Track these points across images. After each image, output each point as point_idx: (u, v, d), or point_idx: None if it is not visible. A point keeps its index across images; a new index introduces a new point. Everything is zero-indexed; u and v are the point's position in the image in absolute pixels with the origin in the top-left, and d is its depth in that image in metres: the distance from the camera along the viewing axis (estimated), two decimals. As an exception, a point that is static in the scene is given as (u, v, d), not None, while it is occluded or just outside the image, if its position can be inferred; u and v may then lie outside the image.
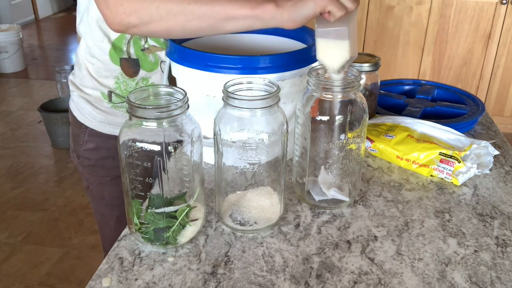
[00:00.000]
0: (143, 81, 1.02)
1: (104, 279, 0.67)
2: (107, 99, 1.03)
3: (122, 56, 0.99)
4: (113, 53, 0.99)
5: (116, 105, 1.04)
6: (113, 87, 1.02)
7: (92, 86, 1.04)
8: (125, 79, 1.01)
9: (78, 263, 2.04)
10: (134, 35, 0.97)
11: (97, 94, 1.04)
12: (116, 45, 0.99)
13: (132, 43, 0.99)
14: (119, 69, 1.00)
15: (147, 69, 1.01)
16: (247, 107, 0.68)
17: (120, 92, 1.03)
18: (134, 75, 1.01)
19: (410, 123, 1.03)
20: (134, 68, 1.01)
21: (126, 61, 1.00)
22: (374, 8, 2.91)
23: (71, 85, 1.07)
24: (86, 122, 1.07)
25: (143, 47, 0.99)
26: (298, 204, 0.85)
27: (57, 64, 3.65)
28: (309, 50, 0.89)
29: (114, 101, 1.03)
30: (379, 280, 0.68)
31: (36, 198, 2.48)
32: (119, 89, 1.02)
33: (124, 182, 0.72)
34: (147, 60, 1.01)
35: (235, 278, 0.68)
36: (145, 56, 1.00)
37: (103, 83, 1.03)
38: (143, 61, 1.01)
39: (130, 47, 0.99)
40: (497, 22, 2.82)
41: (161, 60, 1.01)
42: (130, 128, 0.68)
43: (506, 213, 0.83)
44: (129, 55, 0.99)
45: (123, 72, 1.01)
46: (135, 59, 1.00)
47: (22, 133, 3.12)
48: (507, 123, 3.10)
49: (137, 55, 1.00)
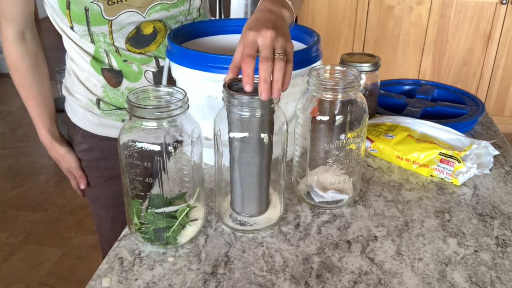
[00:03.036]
0: (128, 91, 1.01)
1: (104, 279, 0.67)
2: (96, 106, 1.04)
3: (104, 67, 0.99)
4: (95, 64, 0.99)
5: (106, 112, 1.04)
6: (101, 95, 1.02)
7: (81, 92, 1.04)
8: (110, 89, 1.01)
9: (78, 263, 2.04)
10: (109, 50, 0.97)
11: (86, 100, 1.04)
12: (96, 57, 0.99)
13: (111, 56, 0.98)
14: (103, 79, 1.01)
15: (131, 79, 1.01)
16: (247, 107, 0.68)
17: (108, 100, 1.03)
18: (118, 85, 1.01)
19: (410, 123, 1.03)
20: (117, 79, 1.00)
21: (108, 72, 1.00)
22: (374, 8, 2.91)
23: (64, 89, 1.08)
24: (79, 124, 1.07)
25: (123, 59, 0.99)
26: (298, 204, 0.85)
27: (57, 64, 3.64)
28: (310, 51, 0.89)
29: (103, 108, 1.04)
30: (379, 280, 0.68)
31: (36, 198, 2.48)
32: (107, 97, 1.02)
33: (124, 182, 0.72)
34: (130, 71, 1.00)
35: (235, 278, 0.68)
36: (128, 67, 1.00)
37: (92, 91, 1.03)
38: (126, 71, 1.00)
39: (111, 59, 0.99)
40: (497, 22, 2.83)
41: (145, 70, 1.01)
42: (130, 128, 0.68)
43: (506, 213, 0.83)
44: (111, 66, 0.99)
45: (107, 82, 1.01)
46: (118, 71, 1.00)
47: (22, 133, 3.12)
48: (507, 123, 3.10)
49: (120, 66, 1.00)
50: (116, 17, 0.91)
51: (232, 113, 0.69)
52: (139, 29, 0.96)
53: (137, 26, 0.96)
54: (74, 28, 0.93)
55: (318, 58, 0.92)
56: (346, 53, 1.10)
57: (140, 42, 0.98)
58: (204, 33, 1.05)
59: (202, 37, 1.05)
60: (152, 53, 1.01)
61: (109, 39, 0.95)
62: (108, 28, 0.93)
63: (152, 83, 1.02)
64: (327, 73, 0.81)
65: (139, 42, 0.98)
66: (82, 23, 0.91)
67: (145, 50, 0.99)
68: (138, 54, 0.99)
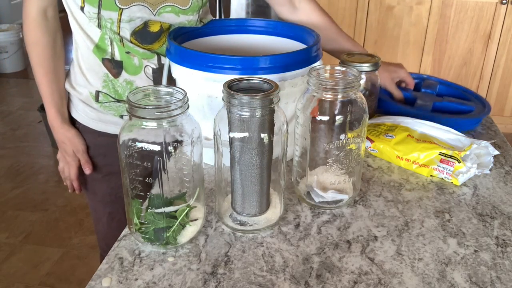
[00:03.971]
0: (127, 84, 1.03)
1: (104, 279, 0.67)
2: (94, 99, 1.04)
3: (105, 57, 1.01)
4: (97, 52, 1.01)
5: (104, 105, 1.05)
6: (101, 86, 1.03)
7: (83, 84, 1.05)
8: (112, 78, 1.02)
9: (78, 263, 2.04)
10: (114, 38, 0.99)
11: (87, 92, 1.05)
12: (100, 46, 1.00)
13: (115, 45, 0.99)
14: (104, 68, 1.02)
15: (131, 72, 1.02)
16: (247, 107, 0.68)
17: (108, 91, 1.03)
18: (117, 76, 1.02)
19: (410, 123, 1.03)
20: (117, 69, 1.02)
21: (108, 62, 1.01)
22: (374, 8, 2.91)
23: (67, 83, 1.09)
24: (79, 119, 1.09)
25: (126, 50, 1.00)
26: (298, 204, 0.85)
27: (57, 64, 3.65)
28: (310, 51, 0.89)
29: (101, 100, 1.04)
30: (379, 280, 0.68)
31: (36, 198, 2.48)
32: (107, 88, 1.03)
33: (124, 182, 0.72)
34: (131, 63, 1.01)
35: (235, 278, 0.68)
36: (129, 59, 1.01)
37: (92, 83, 1.04)
38: (127, 63, 1.01)
39: (114, 48, 1.00)
40: (497, 22, 2.82)
41: (145, 65, 1.02)
42: (130, 128, 0.68)
43: (506, 213, 0.83)
44: (113, 56, 1.00)
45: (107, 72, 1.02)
46: (119, 61, 1.01)
47: (22, 133, 3.12)
48: (507, 123, 3.10)
49: (121, 57, 1.01)
50: (128, 7, 0.93)
51: (232, 113, 0.69)
52: (147, 25, 0.98)
53: (145, 21, 0.97)
54: (84, 9, 0.94)
55: (318, 58, 0.92)
56: (346, 53, 1.10)
57: (145, 38, 0.99)
58: (204, 33, 1.05)
59: (202, 37, 1.05)
60: (155, 50, 1.02)
61: (116, 27, 0.96)
62: (118, 16, 0.94)
63: (150, 78, 1.03)
64: (327, 73, 0.81)
65: (144, 38, 0.99)
66: (94, 5, 0.93)
67: (148, 48, 1.01)
68: (142, 49, 1.00)
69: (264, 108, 0.69)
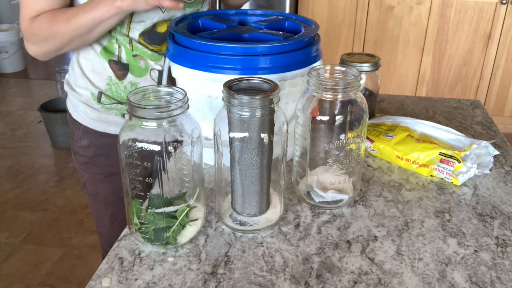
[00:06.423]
0: (132, 86, 1.03)
1: (104, 279, 0.67)
2: (96, 100, 1.04)
3: (111, 58, 1.01)
4: (104, 54, 1.01)
5: (106, 106, 1.05)
6: (104, 88, 1.03)
7: (84, 86, 1.05)
8: (116, 80, 1.02)
9: (78, 263, 2.04)
10: (122, 41, 0.99)
11: (88, 94, 1.05)
12: (107, 48, 1.01)
13: (123, 48, 1.00)
14: (110, 70, 1.02)
15: (136, 75, 1.03)
16: (247, 107, 0.68)
17: (111, 94, 1.04)
18: (123, 78, 1.03)
19: (410, 123, 1.03)
20: (123, 71, 1.02)
21: (115, 64, 1.02)
22: (374, 8, 2.91)
23: (66, 85, 1.09)
24: (79, 119, 1.08)
25: (134, 54, 1.01)
26: (298, 204, 0.85)
27: (57, 64, 3.64)
28: (310, 51, 0.89)
29: (104, 102, 1.04)
30: (379, 280, 0.68)
31: (36, 198, 2.48)
32: (110, 91, 1.03)
33: (124, 182, 0.72)
34: (137, 66, 1.02)
35: (235, 278, 0.68)
36: (136, 62, 1.02)
37: (95, 84, 1.04)
38: (133, 66, 1.02)
39: (122, 52, 1.01)
40: (497, 22, 2.82)
41: (151, 68, 1.03)
42: (130, 128, 0.68)
43: (506, 213, 0.83)
44: (120, 59, 1.01)
45: (113, 74, 1.02)
46: (125, 64, 1.02)
47: (22, 133, 3.12)
48: (507, 123, 3.10)
49: (128, 60, 1.01)
50: None
51: (232, 113, 0.69)
52: (155, 26, 0.99)
53: (154, 23, 0.98)
54: None
55: (318, 58, 0.92)
56: (346, 53, 1.10)
57: (153, 39, 1.00)
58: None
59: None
60: (162, 52, 1.03)
61: (126, 29, 0.97)
62: (129, 18, 0.96)
63: (155, 81, 1.04)
64: (327, 73, 0.81)
65: (152, 39, 1.00)
66: None
67: (156, 49, 1.02)
68: (150, 50, 1.01)
69: (264, 108, 0.69)
